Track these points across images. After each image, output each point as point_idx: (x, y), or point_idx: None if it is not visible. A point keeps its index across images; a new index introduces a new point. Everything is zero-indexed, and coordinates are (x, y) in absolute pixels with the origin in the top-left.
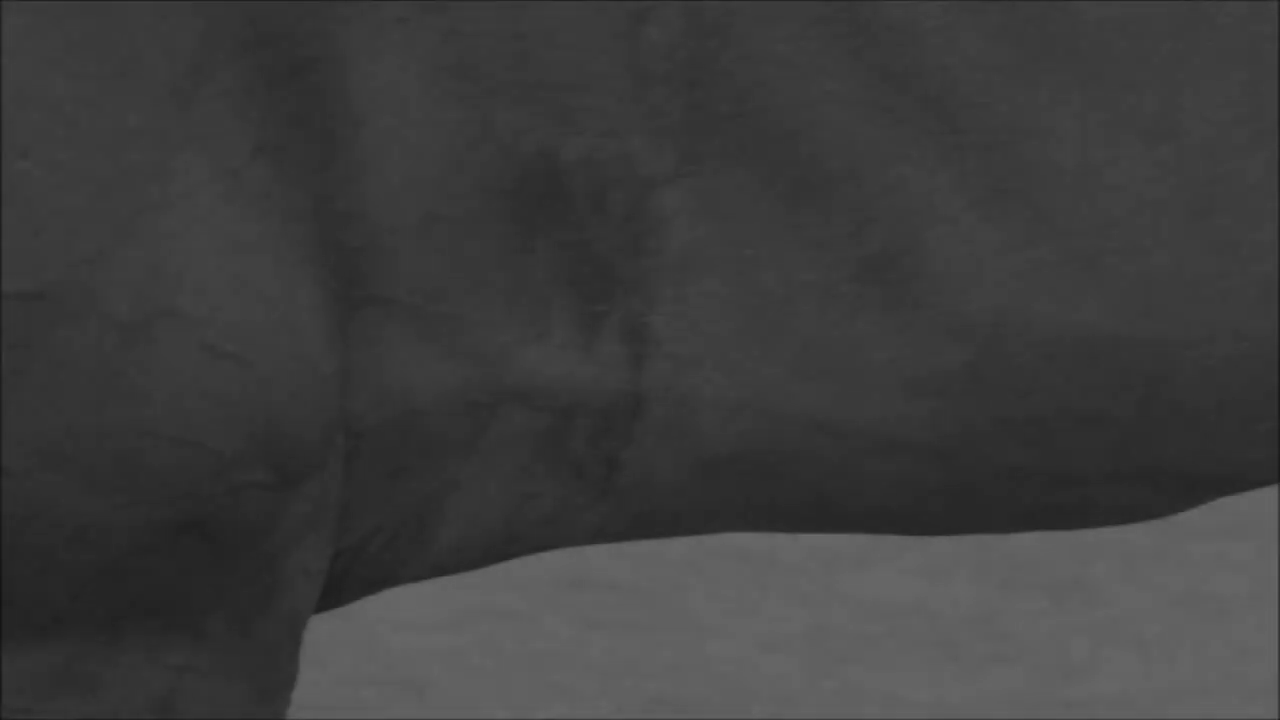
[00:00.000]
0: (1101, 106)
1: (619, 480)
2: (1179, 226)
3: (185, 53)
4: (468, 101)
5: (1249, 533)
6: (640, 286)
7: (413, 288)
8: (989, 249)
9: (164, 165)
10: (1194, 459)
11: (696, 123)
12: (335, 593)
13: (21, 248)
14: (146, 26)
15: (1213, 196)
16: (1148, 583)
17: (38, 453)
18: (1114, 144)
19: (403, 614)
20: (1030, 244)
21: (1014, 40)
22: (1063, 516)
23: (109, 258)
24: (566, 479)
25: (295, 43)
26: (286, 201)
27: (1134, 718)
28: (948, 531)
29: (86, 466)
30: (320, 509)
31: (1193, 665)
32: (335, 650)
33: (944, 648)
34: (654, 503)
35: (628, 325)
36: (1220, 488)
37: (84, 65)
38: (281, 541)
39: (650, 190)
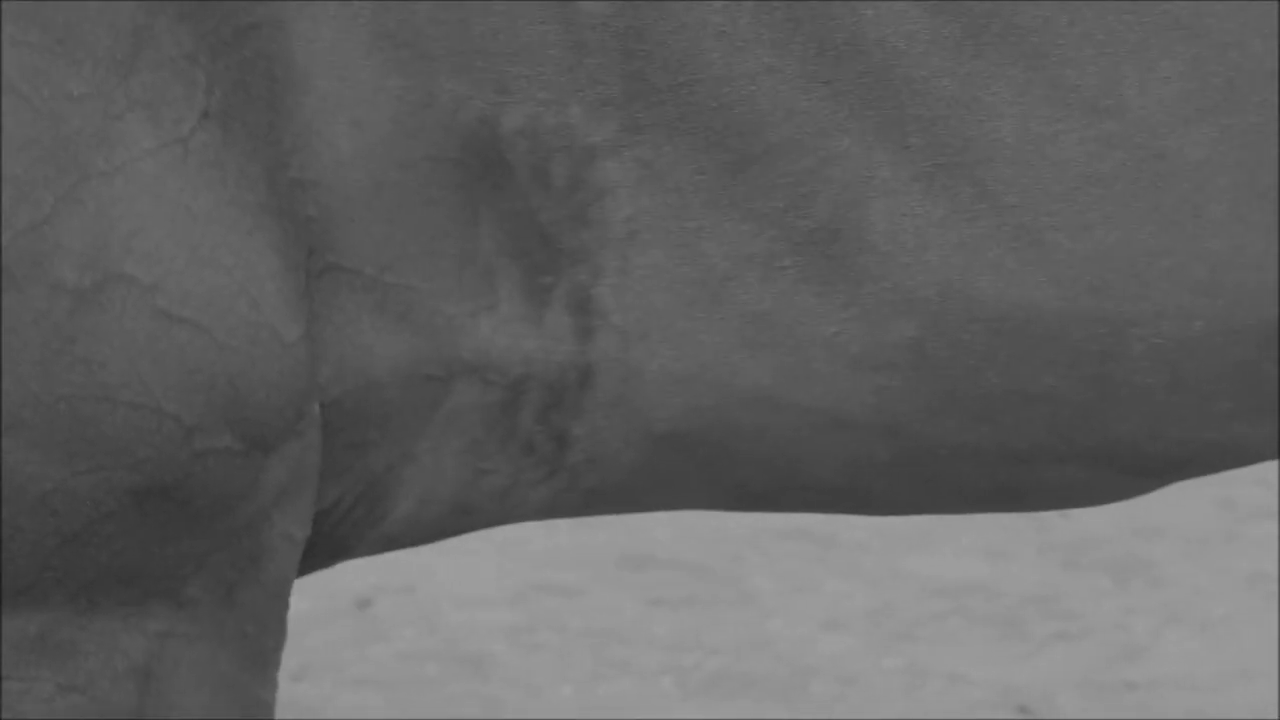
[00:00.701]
0: (1043, 81)
1: (570, 456)
2: (1124, 203)
3: (125, 20)
4: (409, 68)
5: None
6: (585, 258)
7: (367, 257)
8: (931, 223)
9: (107, 133)
10: (1148, 440)
11: (635, 93)
12: None
13: None
14: None
15: (1157, 173)
16: (1211, 564)
17: None
18: (1056, 119)
19: (465, 590)
20: (973, 219)
21: (954, 14)
22: (1017, 496)
23: (54, 224)
24: (517, 455)
25: (236, 8)
26: (237, 169)
27: (1196, 698)
28: (900, 511)
29: (44, 433)
30: (298, 476)
31: (1256, 646)
32: (398, 626)
33: (1006, 626)
34: (606, 478)
35: (574, 297)
36: (1179, 469)
37: (24, 33)
38: (260, 508)
39: (591, 160)
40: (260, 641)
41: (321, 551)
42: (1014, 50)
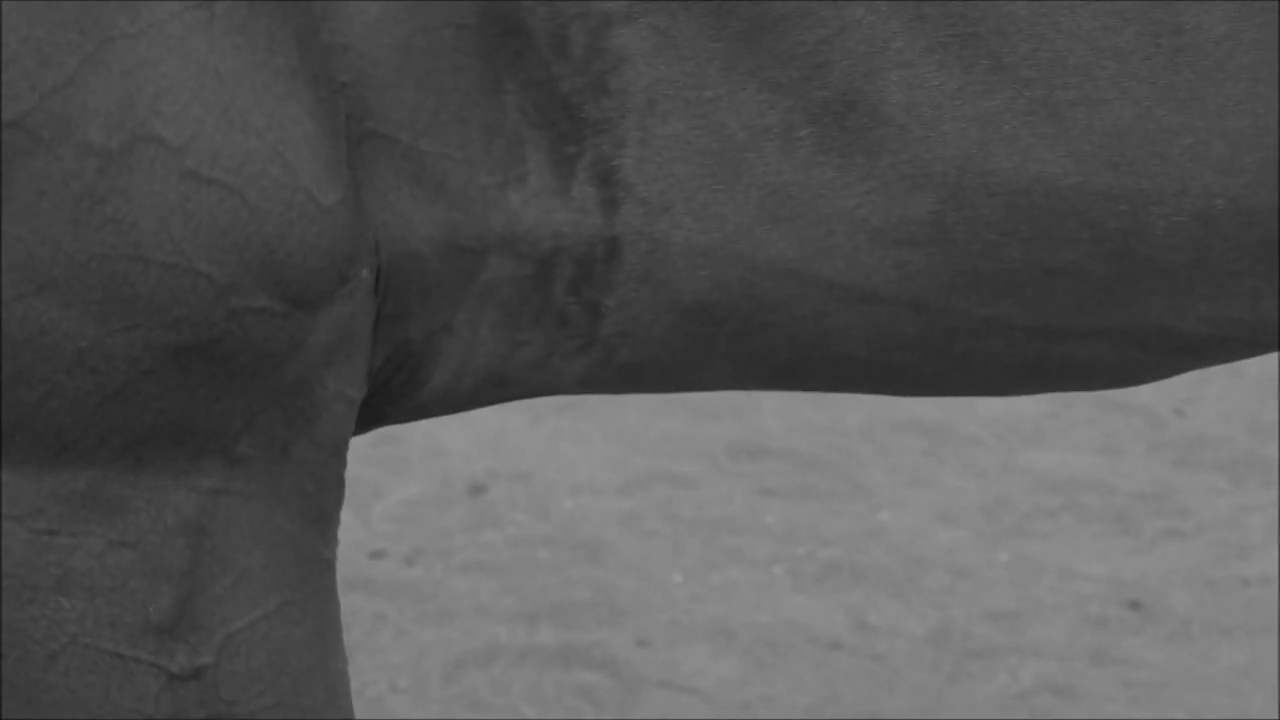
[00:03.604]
0: None
1: (602, 329)
2: (1141, 78)
3: None
4: None
5: None
6: (607, 128)
7: (403, 123)
8: (947, 96)
9: None
10: (1174, 317)
11: None
12: None
13: None
14: None
15: (1175, 48)
16: None
17: (26, 280)
18: None
19: (578, 478)
20: (989, 92)
21: None
22: (1050, 375)
23: (80, 86)
24: (551, 327)
25: None
26: (267, 33)
27: None
28: (930, 390)
29: (76, 292)
30: (348, 337)
31: None
32: (512, 512)
33: (1119, 522)
34: (638, 353)
35: (599, 169)
36: (1210, 349)
37: None
38: (309, 367)
39: (607, 27)
40: (319, 500)
41: (358, 418)
42: None
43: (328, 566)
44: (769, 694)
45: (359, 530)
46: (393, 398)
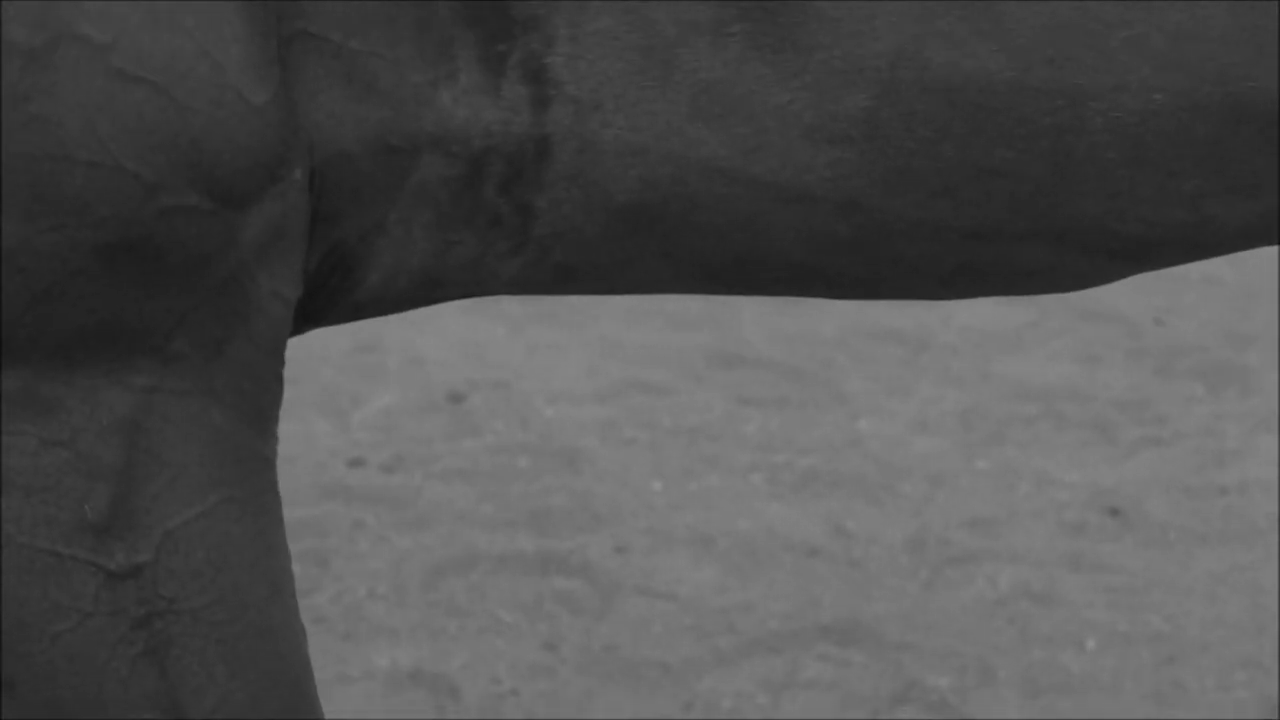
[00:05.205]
0: None
1: (535, 229)
2: None
3: None
4: None
5: None
6: (537, 25)
7: (333, 23)
8: None
9: None
10: (1115, 219)
11: None
12: None
13: None
14: None
15: None
16: None
17: None
18: None
19: (557, 386)
20: None
21: None
22: (986, 278)
23: None
24: (484, 227)
25: None
26: None
27: None
28: (869, 293)
29: (2, 192)
30: (280, 235)
31: None
32: (490, 420)
33: (1097, 430)
34: (572, 253)
35: (529, 66)
36: (1151, 252)
37: None
38: (240, 265)
39: None
40: (256, 398)
41: (296, 318)
42: None
43: (267, 464)
44: (747, 600)
45: (338, 438)
46: (329, 298)
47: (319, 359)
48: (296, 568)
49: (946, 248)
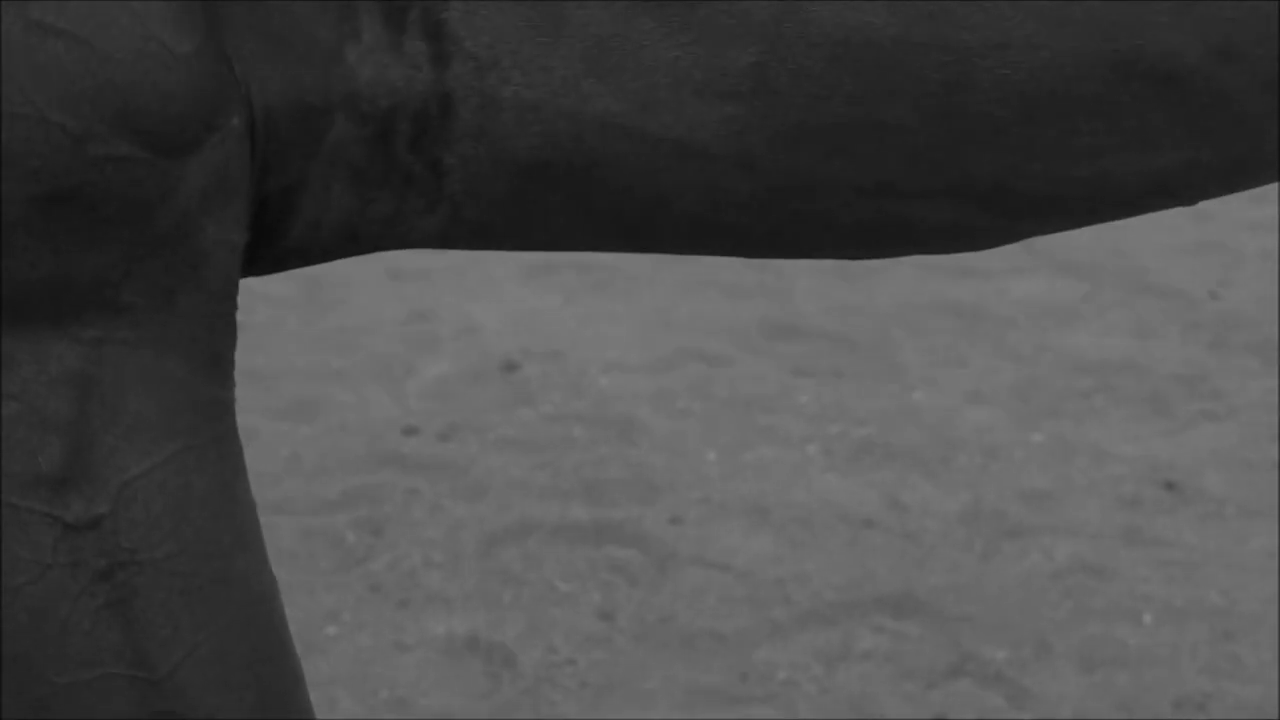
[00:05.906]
0: None
1: (447, 186)
2: None
3: None
4: None
5: None
6: None
7: None
8: None
9: None
10: (1012, 176)
11: None
12: None
13: None
14: None
15: None
16: None
17: None
18: None
19: (612, 356)
20: None
21: None
22: (888, 236)
23: None
24: (399, 185)
25: None
26: None
27: None
28: (778, 252)
29: None
30: (223, 182)
31: None
32: (545, 389)
33: (1152, 404)
34: (484, 211)
35: (427, 21)
36: (1056, 210)
37: None
38: (184, 214)
39: None
40: (210, 344)
41: None
42: None
43: (226, 409)
44: (801, 571)
45: (392, 407)
46: (256, 251)
47: (373, 328)
48: (352, 535)
49: (846, 205)
